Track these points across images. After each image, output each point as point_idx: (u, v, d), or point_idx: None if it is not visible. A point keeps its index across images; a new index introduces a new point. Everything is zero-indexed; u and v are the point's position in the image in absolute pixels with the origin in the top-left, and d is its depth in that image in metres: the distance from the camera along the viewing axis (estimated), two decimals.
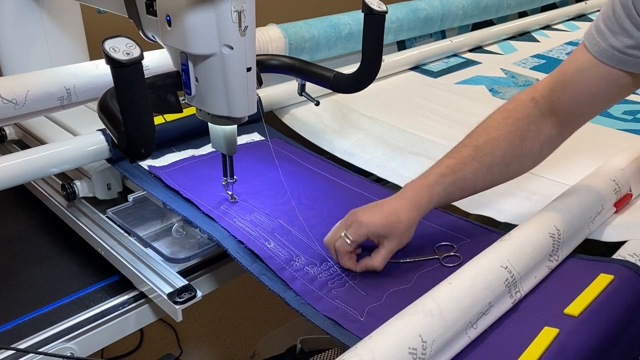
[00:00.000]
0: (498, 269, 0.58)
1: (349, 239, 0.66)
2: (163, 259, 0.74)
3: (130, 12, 0.71)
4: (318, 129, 1.03)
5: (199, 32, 0.63)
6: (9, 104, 0.81)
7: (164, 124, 0.92)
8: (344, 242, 0.67)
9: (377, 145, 0.98)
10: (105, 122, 0.61)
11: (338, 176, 0.89)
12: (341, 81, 0.85)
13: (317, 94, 1.03)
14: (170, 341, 1.65)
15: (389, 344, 0.48)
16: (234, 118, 0.71)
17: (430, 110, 1.13)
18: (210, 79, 0.67)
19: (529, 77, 1.34)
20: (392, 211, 0.67)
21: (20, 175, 0.78)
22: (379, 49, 0.81)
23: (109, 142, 0.85)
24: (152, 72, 0.89)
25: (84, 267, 0.79)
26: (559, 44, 1.62)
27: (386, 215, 0.66)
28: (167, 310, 0.69)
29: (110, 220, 0.82)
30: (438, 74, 1.34)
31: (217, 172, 0.82)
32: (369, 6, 0.76)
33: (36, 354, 0.64)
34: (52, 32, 1.06)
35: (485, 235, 0.73)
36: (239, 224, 0.75)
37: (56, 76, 0.86)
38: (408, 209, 0.67)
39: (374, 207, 0.68)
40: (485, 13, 1.61)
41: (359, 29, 1.24)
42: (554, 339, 0.54)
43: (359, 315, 0.61)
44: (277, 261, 0.68)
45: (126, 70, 0.54)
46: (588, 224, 0.70)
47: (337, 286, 0.66)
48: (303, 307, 0.63)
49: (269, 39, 1.11)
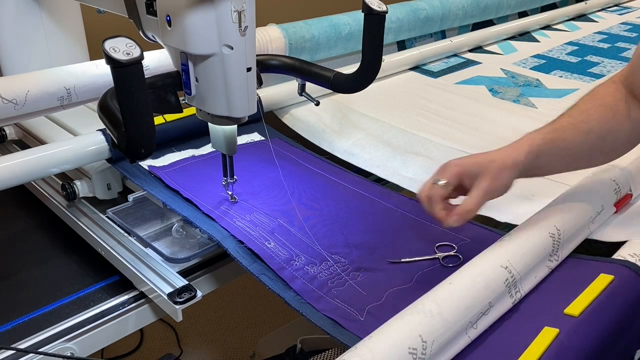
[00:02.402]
0: (498, 269, 0.58)
1: (443, 181, 0.64)
2: (163, 259, 0.74)
3: (130, 12, 0.71)
4: (318, 129, 1.03)
5: (199, 32, 0.63)
6: (9, 104, 0.81)
7: (164, 124, 0.92)
8: (436, 186, 0.64)
9: (377, 145, 0.98)
10: (105, 122, 0.61)
11: (338, 176, 0.89)
12: (341, 81, 0.85)
13: (317, 94, 1.03)
14: (170, 341, 1.64)
15: (389, 344, 0.48)
16: (234, 118, 0.71)
17: (430, 110, 1.13)
18: (210, 79, 0.67)
19: (529, 77, 1.34)
20: (485, 155, 0.65)
21: (20, 175, 0.78)
22: (379, 49, 0.81)
23: (109, 142, 0.85)
24: (152, 72, 0.89)
25: (84, 267, 0.79)
26: (559, 44, 1.62)
27: (477, 156, 0.65)
28: (167, 310, 0.69)
29: (110, 220, 0.82)
30: (438, 74, 1.34)
31: (217, 172, 0.82)
32: (369, 6, 0.76)
33: (36, 354, 0.64)
34: (52, 32, 1.06)
35: (485, 235, 0.73)
36: (239, 224, 0.75)
37: (56, 76, 0.86)
38: (504, 153, 0.65)
39: (466, 156, 0.67)
40: (485, 13, 1.61)
41: (359, 29, 1.24)
42: (554, 339, 0.54)
43: (359, 315, 0.61)
44: (277, 261, 0.69)
45: (126, 70, 0.54)
46: (588, 224, 0.70)
47: (337, 285, 0.66)
48: (303, 307, 0.63)
49: (269, 39, 1.11)
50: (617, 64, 1.44)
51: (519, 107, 1.16)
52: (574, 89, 1.26)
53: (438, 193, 0.64)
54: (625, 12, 2.01)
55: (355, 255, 0.71)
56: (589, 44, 1.62)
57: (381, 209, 0.80)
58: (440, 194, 0.64)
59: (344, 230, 0.75)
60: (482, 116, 1.10)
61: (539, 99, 1.21)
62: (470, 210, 0.62)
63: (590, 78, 1.34)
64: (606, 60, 1.47)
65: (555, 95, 1.23)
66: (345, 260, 0.70)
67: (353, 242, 0.73)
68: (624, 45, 1.60)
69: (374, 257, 0.70)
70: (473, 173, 0.64)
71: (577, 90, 1.25)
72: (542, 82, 1.31)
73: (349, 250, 0.72)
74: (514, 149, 0.65)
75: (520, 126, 1.06)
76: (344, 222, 0.77)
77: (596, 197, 0.71)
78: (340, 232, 0.75)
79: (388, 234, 0.75)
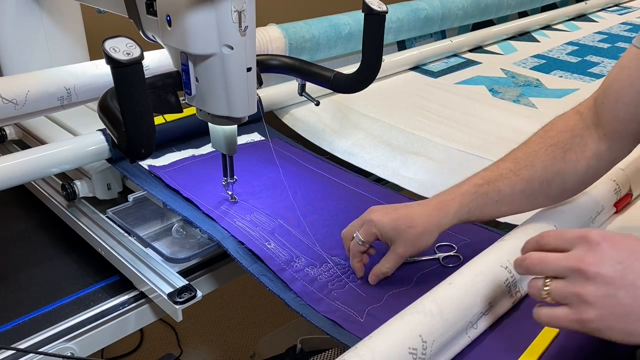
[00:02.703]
0: (498, 269, 0.58)
1: (360, 239, 0.65)
2: (163, 259, 0.74)
3: (130, 12, 0.71)
4: (318, 129, 1.03)
5: (199, 32, 0.63)
6: (9, 104, 0.81)
7: (164, 124, 0.92)
8: (355, 242, 0.66)
9: (377, 145, 0.98)
10: (105, 122, 0.61)
11: (338, 176, 0.89)
12: (341, 81, 0.85)
13: (317, 94, 1.03)
14: (170, 341, 1.65)
15: (389, 344, 0.48)
16: (234, 118, 0.71)
17: (430, 110, 1.13)
18: (211, 79, 0.67)
19: (529, 77, 1.34)
20: (407, 215, 0.64)
21: (20, 175, 0.78)
22: (379, 49, 0.81)
23: (109, 142, 0.85)
24: (152, 72, 0.89)
25: (84, 267, 0.79)
26: (559, 44, 1.62)
27: (398, 217, 0.64)
28: (167, 310, 0.69)
29: (110, 220, 0.82)
30: (438, 74, 1.34)
31: (217, 172, 0.82)
32: (369, 6, 0.76)
33: (36, 354, 0.64)
34: (52, 32, 1.06)
35: (485, 235, 0.73)
36: (239, 224, 0.75)
37: (56, 76, 0.86)
38: (428, 214, 0.63)
39: (390, 208, 0.66)
40: (485, 13, 1.61)
41: (359, 29, 1.24)
42: (554, 339, 0.54)
43: (359, 316, 0.61)
44: (277, 262, 0.68)
45: (126, 70, 0.54)
46: (588, 224, 0.70)
47: (337, 287, 0.66)
48: (303, 308, 0.63)
49: (269, 39, 1.11)
50: None
51: (519, 107, 1.16)
52: (574, 89, 1.26)
53: (356, 249, 0.66)
54: (625, 12, 2.01)
55: None
56: (589, 44, 1.62)
57: None
58: (358, 249, 0.66)
59: None
60: (482, 116, 1.10)
61: (539, 99, 1.21)
62: (385, 272, 0.65)
63: (590, 78, 1.34)
64: (606, 60, 1.47)
65: (555, 95, 1.23)
66: (345, 263, 0.70)
67: None
68: (624, 45, 1.60)
69: (373, 258, 0.70)
70: (390, 238, 0.64)
71: (577, 90, 1.25)
72: (542, 82, 1.31)
73: None
74: (440, 210, 0.64)
75: (520, 126, 1.06)
76: (344, 222, 0.77)
77: (596, 197, 0.71)
78: (340, 233, 0.75)
79: None
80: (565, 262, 0.45)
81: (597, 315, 0.43)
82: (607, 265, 0.43)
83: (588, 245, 0.45)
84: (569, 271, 0.45)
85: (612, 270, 0.43)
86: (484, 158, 0.91)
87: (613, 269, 0.43)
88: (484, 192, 0.64)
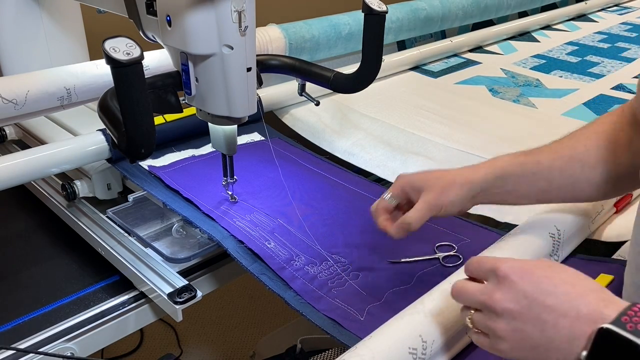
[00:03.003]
0: None
1: (388, 194, 0.64)
2: (163, 259, 0.74)
3: (130, 12, 0.71)
4: (318, 129, 1.03)
5: (199, 32, 0.63)
6: (9, 104, 0.81)
7: (164, 124, 0.92)
8: (382, 199, 0.64)
9: (377, 145, 0.98)
10: (105, 122, 0.61)
11: (338, 176, 0.89)
12: (341, 81, 0.85)
13: (317, 94, 1.03)
14: (170, 341, 1.65)
15: (389, 344, 0.48)
16: (234, 118, 0.71)
17: (430, 110, 1.13)
18: (211, 79, 0.67)
19: (529, 77, 1.34)
20: (438, 171, 0.63)
21: (20, 175, 0.78)
22: (379, 49, 0.81)
23: (109, 142, 0.85)
24: (152, 72, 0.89)
25: (84, 267, 0.79)
26: (559, 44, 1.62)
27: (427, 172, 0.63)
28: (167, 310, 0.69)
29: (110, 220, 0.82)
30: (438, 74, 1.34)
31: (217, 172, 0.82)
32: (369, 6, 0.76)
33: (36, 354, 0.64)
34: (52, 32, 1.06)
35: (485, 235, 0.73)
36: (239, 224, 0.75)
37: (56, 76, 0.86)
38: (459, 171, 0.62)
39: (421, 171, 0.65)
40: (485, 13, 1.61)
41: (359, 29, 1.24)
42: None
43: (359, 315, 0.61)
44: (277, 261, 0.69)
45: (126, 70, 0.54)
46: (588, 224, 0.70)
47: (337, 285, 0.66)
48: (303, 307, 0.63)
49: (269, 39, 1.11)
50: (617, 64, 1.44)
51: (519, 107, 1.16)
52: (574, 89, 1.26)
53: (382, 205, 0.65)
54: (625, 12, 2.01)
55: (356, 255, 0.71)
56: (589, 44, 1.62)
57: None
58: (384, 206, 0.64)
59: (344, 230, 0.75)
60: (482, 116, 1.10)
61: (539, 99, 1.21)
62: (409, 223, 0.61)
63: (590, 78, 1.34)
64: (606, 60, 1.47)
65: (555, 95, 1.23)
66: (345, 260, 0.70)
67: (353, 242, 0.73)
68: (624, 45, 1.60)
69: (374, 257, 0.70)
70: (418, 187, 0.62)
71: (577, 90, 1.25)
72: (542, 82, 1.31)
73: (349, 250, 0.72)
74: (472, 169, 0.63)
75: (520, 126, 1.06)
76: (344, 222, 0.77)
77: None
78: (341, 232, 0.75)
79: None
80: (478, 297, 0.47)
81: (509, 348, 0.45)
82: (514, 301, 0.44)
83: (497, 278, 0.46)
84: (481, 305, 0.46)
85: (518, 306, 0.44)
86: (484, 158, 0.91)
87: (519, 304, 0.44)
88: (522, 162, 0.61)
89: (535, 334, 0.43)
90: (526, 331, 0.43)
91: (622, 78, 1.33)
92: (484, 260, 0.48)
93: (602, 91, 1.25)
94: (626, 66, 1.42)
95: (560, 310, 0.42)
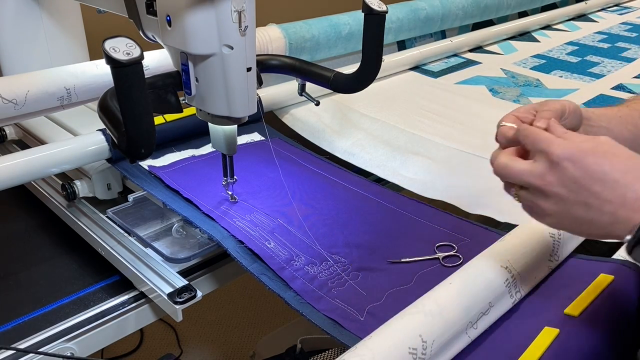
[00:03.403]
0: (498, 269, 0.58)
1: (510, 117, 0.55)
2: (163, 259, 0.74)
3: (130, 12, 0.71)
4: (318, 129, 1.03)
5: (199, 32, 0.63)
6: (9, 104, 0.81)
7: (164, 124, 0.92)
8: (504, 127, 0.54)
9: (377, 145, 0.98)
10: (105, 122, 0.61)
11: (338, 176, 0.89)
12: (341, 81, 0.85)
13: (317, 94, 1.03)
14: (170, 341, 1.65)
15: (389, 344, 0.48)
16: (234, 118, 0.71)
17: (430, 110, 1.13)
18: (211, 79, 0.67)
19: (529, 77, 1.34)
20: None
21: (20, 175, 0.78)
22: (379, 49, 0.81)
23: (109, 142, 0.85)
24: (152, 72, 0.89)
25: (84, 267, 0.79)
26: (559, 44, 1.62)
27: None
28: (167, 310, 0.69)
29: (110, 220, 0.82)
30: (438, 74, 1.34)
31: (217, 172, 0.82)
32: (369, 6, 0.76)
33: (36, 354, 0.64)
34: (52, 32, 1.06)
35: (485, 235, 0.73)
36: (239, 224, 0.75)
37: (56, 76, 0.86)
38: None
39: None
40: (485, 13, 1.61)
41: (359, 29, 1.24)
42: (555, 339, 0.54)
43: (359, 315, 0.61)
44: (277, 261, 0.69)
45: (126, 70, 0.54)
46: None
47: (337, 285, 0.66)
48: (303, 307, 0.63)
49: (269, 39, 1.11)
50: (617, 63, 1.44)
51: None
52: (574, 89, 1.26)
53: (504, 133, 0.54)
54: (625, 12, 2.01)
55: (356, 255, 0.71)
56: (589, 44, 1.62)
57: (381, 209, 0.80)
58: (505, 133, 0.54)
59: (344, 230, 0.75)
60: (482, 116, 1.10)
61: (539, 99, 1.21)
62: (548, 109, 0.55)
63: (591, 78, 1.34)
64: (606, 60, 1.47)
65: (555, 95, 1.23)
66: (345, 260, 0.70)
67: (353, 242, 0.73)
68: (624, 45, 1.60)
69: (374, 257, 0.70)
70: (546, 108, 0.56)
71: (577, 90, 1.25)
72: (542, 82, 1.31)
73: (349, 250, 0.72)
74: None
75: None
76: (344, 222, 0.77)
77: None
78: (341, 232, 0.75)
79: (388, 234, 0.75)
80: (527, 178, 0.50)
81: (554, 222, 0.51)
82: (563, 186, 0.48)
83: (549, 162, 0.48)
84: (530, 185, 0.50)
85: (566, 190, 0.48)
86: (484, 158, 0.91)
87: (568, 189, 0.48)
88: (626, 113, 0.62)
89: (579, 213, 0.48)
90: (571, 212, 0.48)
91: (622, 78, 1.33)
92: (539, 137, 0.50)
93: (602, 91, 1.25)
94: (626, 66, 1.42)
95: (606, 197, 0.46)
